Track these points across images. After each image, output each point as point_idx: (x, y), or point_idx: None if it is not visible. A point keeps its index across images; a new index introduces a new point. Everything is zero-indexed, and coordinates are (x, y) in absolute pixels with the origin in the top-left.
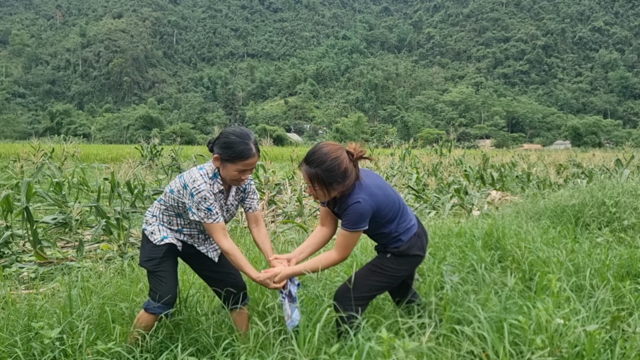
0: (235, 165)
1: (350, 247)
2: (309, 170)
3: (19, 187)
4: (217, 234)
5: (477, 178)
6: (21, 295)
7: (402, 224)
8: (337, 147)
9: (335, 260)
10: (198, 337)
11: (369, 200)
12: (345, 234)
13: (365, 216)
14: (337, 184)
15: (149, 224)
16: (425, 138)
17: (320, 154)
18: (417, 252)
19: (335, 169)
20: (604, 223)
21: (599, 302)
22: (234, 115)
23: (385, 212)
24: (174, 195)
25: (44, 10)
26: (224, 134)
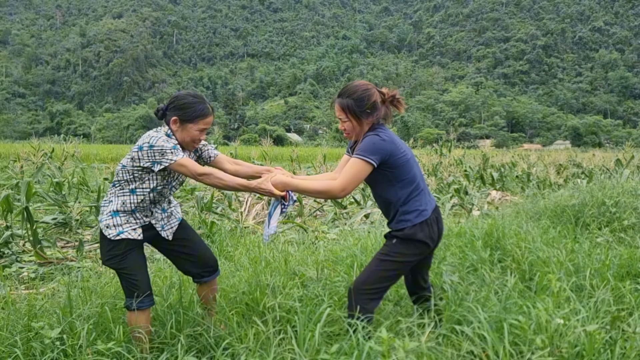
0: (197, 124)
1: (355, 180)
2: (342, 101)
3: (19, 187)
4: (193, 165)
5: (477, 178)
6: (21, 295)
7: (414, 202)
8: (369, 83)
9: (333, 188)
10: (198, 337)
11: (387, 139)
12: (353, 162)
13: (377, 148)
14: (367, 115)
15: (104, 214)
16: (425, 138)
17: (352, 86)
18: (422, 239)
19: (365, 99)
20: (604, 223)
21: (599, 302)
22: (234, 115)
23: (399, 168)
24: (128, 167)
25: (44, 10)
26: (180, 97)
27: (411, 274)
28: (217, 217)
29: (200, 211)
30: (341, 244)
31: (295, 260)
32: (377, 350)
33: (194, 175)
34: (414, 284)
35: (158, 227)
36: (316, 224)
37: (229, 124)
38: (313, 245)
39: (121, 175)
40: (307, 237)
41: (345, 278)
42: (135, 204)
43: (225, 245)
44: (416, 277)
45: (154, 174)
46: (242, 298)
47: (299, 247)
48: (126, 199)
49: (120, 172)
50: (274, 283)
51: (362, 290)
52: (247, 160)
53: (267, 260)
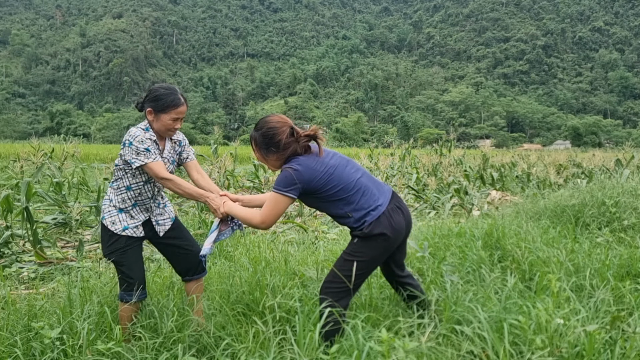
0: (169, 114)
1: (273, 214)
2: (252, 133)
3: (19, 187)
4: (159, 170)
5: (477, 178)
6: (21, 295)
7: (364, 206)
8: (282, 120)
9: (255, 220)
10: (199, 337)
11: (302, 171)
12: (271, 196)
13: (289, 182)
14: (272, 152)
15: (106, 212)
16: (425, 138)
17: (262, 121)
18: (382, 231)
19: (269, 137)
20: (604, 223)
21: (599, 302)
22: (234, 115)
23: (327, 186)
24: (120, 165)
25: (44, 10)
26: (153, 90)
27: (387, 265)
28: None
29: (200, 211)
30: (341, 244)
31: (295, 260)
32: (377, 350)
33: (158, 178)
34: (388, 273)
35: (153, 221)
36: (316, 224)
37: (229, 124)
38: (313, 245)
39: (116, 174)
40: (307, 237)
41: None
42: (135, 198)
43: (225, 245)
44: (391, 268)
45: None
46: (242, 298)
47: (299, 247)
48: (125, 196)
49: (115, 171)
50: (274, 283)
51: (329, 289)
52: (247, 161)
53: (267, 260)
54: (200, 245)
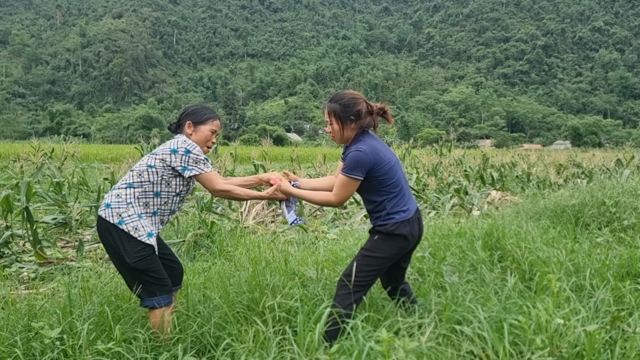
0: (208, 125)
1: (346, 194)
2: (330, 105)
3: (19, 187)
4: (217, 179)
5: (477, 178)
6: (21, 295)
7: (399, 204)
8: (359, 95)
9: (330, 201)
10: (199, 337)
11: (369, 153)
12: (342, 178)
13: (361, 164)
14: (350, 121)
15: (126, 216)
16: (425, 138)
17: (342, 93)
18: (402, 232)
19: (350, 105)
20: (604, 223)
21: (599, 302)
22: (234, 115)
23: (383, 175)
24: (156, 168)
25: (44, 10)
26: (189, 106)
27: (391, 270)
28: (217, 217)
29: (200, 211)
30: (341, 244)
31: (295, 260)
32: (377, 350)
33: (214, 189)
34: (390, 278)
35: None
36: (316, 224)
37: (229, 124)
38: (313, 245)
39: (146, 177)
40: (307, 237)
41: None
42: (158, 206)
43: (225, 245)
44: (394, 274)
45: (181, 179)
46: (242, 298)
47: (299, 247)
48: (149, 201)
49: (145, 173)
50: (274, 283)
51: (345, 284)
52: (247, 161)
53: (267, 260)
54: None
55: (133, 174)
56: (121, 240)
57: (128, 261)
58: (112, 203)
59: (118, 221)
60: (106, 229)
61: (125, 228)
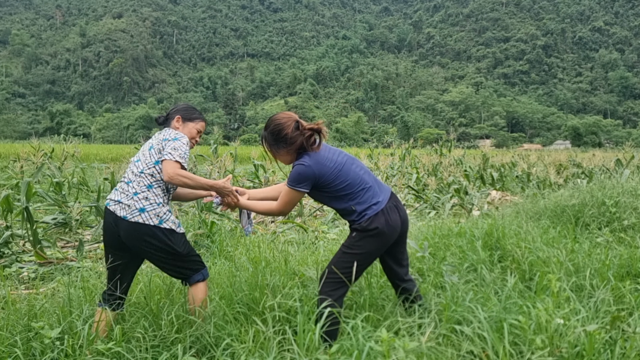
0: (196, 124)
1: (288, 205)
2: (262, 133)
3: (19, 187)
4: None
5: (477, 178)
6: (21, 295)
7: (367, 201)
8: (287, 116)
9: (272, 210)
10: (199, 337)
11: (313, 166)
12: (286, 190)
13: (303, 177)
14: (282, 147)
15: (162, 216)
16: (425, 138)
17: (269, 120)
18: (377, 225)
19: (277, 132)
20: (604, 223)
21: (599, 302)
22: (234, 115)
23: (334, 182)
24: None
25: (44, 10)
26: (180, 104)
27: (386, 263)
28: (217, 217)
29: (200, 211)
30: (341, 243)
31: (295, 260)
32: (377, 350)
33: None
34: (390, 273)
35: None
36: (316, 224)
37: (229, 124)
38: (313, 245)
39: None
40: (307, 237)
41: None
42: (168, 199)
43: (225, 245)
44: (391, 266)
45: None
46: (242, 298)
47: (299, 247)
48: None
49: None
50: (274, 283)
51: (327, 279)
52: (247, 161)
53: (267, 260)
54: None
55: (145, 175)
56: (168, 237)
57: (182, 251)
58: (146, 207)
59: (158, 221)
60: (148, 233)
61: (167, 225)
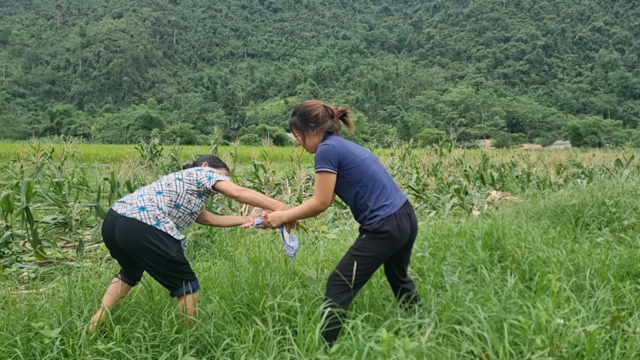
0: (220, 170)
1: (325, 191)
2: (290, 120)
3: (19, 187)
4: (233, 185)
5: (477, 178)
6: (21, 295)
7: (380, 199)
8: (315, 101)
9: (314, 204)
10: (199, 337)
11: (336, 145)
12: (316, 178)
13: (329, 156)
14: (311, 128)
15: (160, 219)
16: (425, 138)
17: (298, 105)
18: (388, 229)
19: (306, 114)
20: (604, 223)
21: (599, 302)
22: (234, 115)
23: (355, 169)
24: (183, 182)
25: (44, 10)
26: (206, 155)
27: (389, 267)
28: None
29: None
30: (341, 244)
31: (295, 260)
32: (377, 350)
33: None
34: (392, 276)
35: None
36: (316, 224)
37: (229, 124)
38: (313, 245)
39: (174, 187)
40: (307, 237)
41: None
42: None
43: (225, 245)
44: (393, 270)
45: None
46: (242, 298)
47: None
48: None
49: (173, 183)
50: (274, 283)
51: (334, 282)
52: (247, 161)
53: (267, 260)
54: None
55: (161, 183)
56: (161, 239)
57: (173, 255)
58: (146, 206)
59: (155, 223)
60: (142, 230)
61: (163, 228)
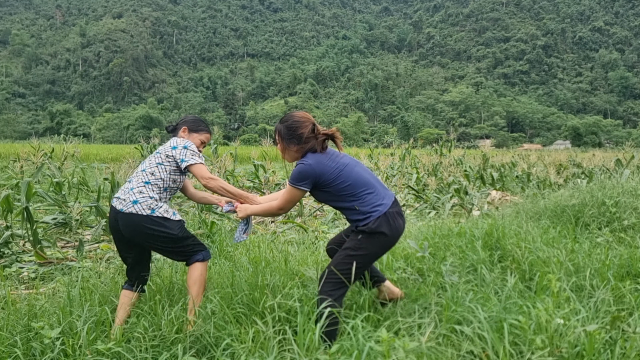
0: (200, 135)
1: (288, 203)
2: (277, 125)
3: (19, 187)
4: (205, 170)
5: (477, 178)
6: (21, 295)
7: (371, 202)
8: (306, 117)
9: (274, 208)
10: (199, 337)
11: (314, 165)
12: (288, 187)
13: (303, 176)
14: (293, 144)
15: (154, 207)
16: (425, 138)
17: (288, 115)
18: (384, 230)
19: (292, 129)
20: (604, 223)
21: (599, 302)
22: (234, 115)
23: (335, 181)
24: (164, 166)
25: (44, 10)
26: (188, 116)
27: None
28: (217, 217)
29: (200, 211)
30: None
31: (295, 260)
32: (377, 350)
33: (204, 177)
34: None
35: None
36: (316, 224)
37: (229, 124)
38: (313, 245)
39: (158, 175)
40: (307, 237)
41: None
42: (165, 199)
43: (225, 245)
44: (372, 266)
45: (182, 176)
46: (242, 298)
47: (299, 247)
48: (162, 194)
49: (157, 171)
50: (274, 283)
51: (329, 279)
52: (247, 160)
53: (267, 260)
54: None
55: (146, 173)
56: (160, 223)
57: (175, 233)
58: (138, 199)
59: (150, 211)
60: (141, 221)
61: (158, 213)
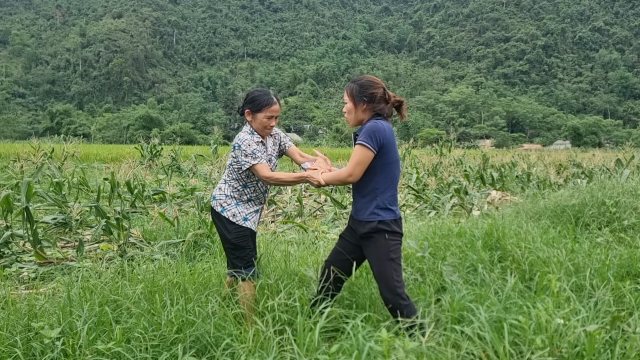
0: (264, 112)
1: (358, 166)
2: (349, 84)
3: (19, 187)
4: (264, 170)
5: (477, 178)
6: (21, 295)
7: (392, 201)
8: (379, 81)
9: (343, 176)
10: (199, 337)
11: (387, 130)
12: (356, 148)
13: (377, 135)
14: (363, 102)
15: (225, 206)
16: (425, 138)
17: (362, 75)
18: (402, 232)
19: (366, 87)
20: (604, 223)
21: (599, 302)
22: (234, 115)
23: (389, 158)
24: (234, 165)
25: (44, 10)
26: (249, 93)
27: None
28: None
29: (200, 211)
30: None
31: (295, 260)
32: (377, 350)
33: (262, 177)
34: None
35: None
36: (316, 224)
37: (229, 124)
38: (313, 245)
39: (232, 175)
40: (307, 237)
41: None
42: (249, 195)
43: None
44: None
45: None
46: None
47: (299, 247)
48: (242, 192)
49: (229, 170)
50: (274, 283)
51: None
52: None
53: (267, 260)
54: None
55: (227, 170)
56: (224, 224)
57: (230, 238)
58: (216, 195)
59: (220, 210)
60: (214, 216)
61: (225, 215)
